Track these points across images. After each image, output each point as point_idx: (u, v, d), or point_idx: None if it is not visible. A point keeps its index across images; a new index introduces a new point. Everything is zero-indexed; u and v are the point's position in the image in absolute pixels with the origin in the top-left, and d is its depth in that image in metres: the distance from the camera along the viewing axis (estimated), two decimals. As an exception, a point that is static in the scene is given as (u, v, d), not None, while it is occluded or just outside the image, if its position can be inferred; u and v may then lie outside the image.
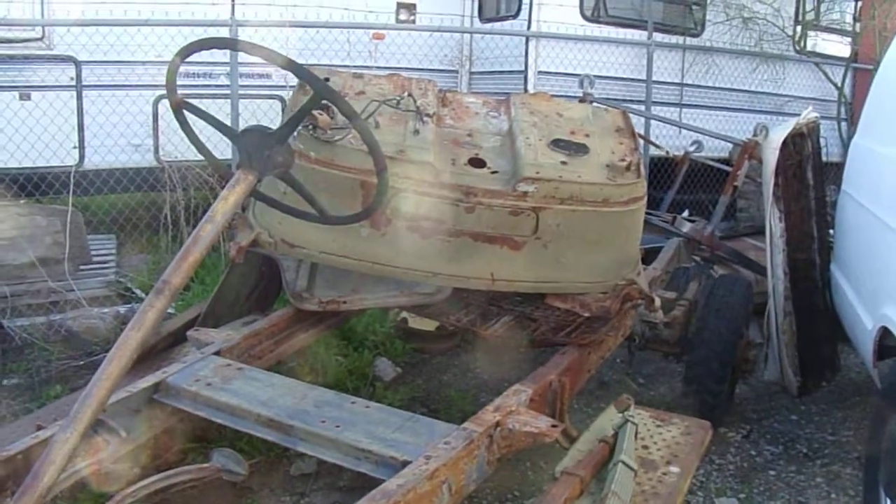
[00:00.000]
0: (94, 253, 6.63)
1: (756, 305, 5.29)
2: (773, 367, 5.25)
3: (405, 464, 2.63)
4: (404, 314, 5.29)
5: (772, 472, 4.68)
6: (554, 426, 2.90)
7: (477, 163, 3.60)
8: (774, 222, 5.12)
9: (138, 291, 6.34)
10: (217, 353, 3.46)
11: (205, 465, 2.81)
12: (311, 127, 3.30)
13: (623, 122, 4.07)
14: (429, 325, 5.31)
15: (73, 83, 7.17)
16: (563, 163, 3.61)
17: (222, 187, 6.87)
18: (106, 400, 2.20)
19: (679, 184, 6.85)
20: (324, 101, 2.95)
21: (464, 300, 3.89)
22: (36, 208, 6.18)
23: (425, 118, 3.65)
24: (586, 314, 3.75)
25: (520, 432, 2.88)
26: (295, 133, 3.13)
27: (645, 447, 3.08)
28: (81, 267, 6.25)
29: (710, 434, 3.26)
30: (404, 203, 3.39)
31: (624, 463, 2.83)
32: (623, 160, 3.69)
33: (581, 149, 3.74)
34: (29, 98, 7.09)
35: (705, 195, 8.14)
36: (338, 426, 2.86)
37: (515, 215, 3.48)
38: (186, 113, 3.07)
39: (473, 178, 3.50)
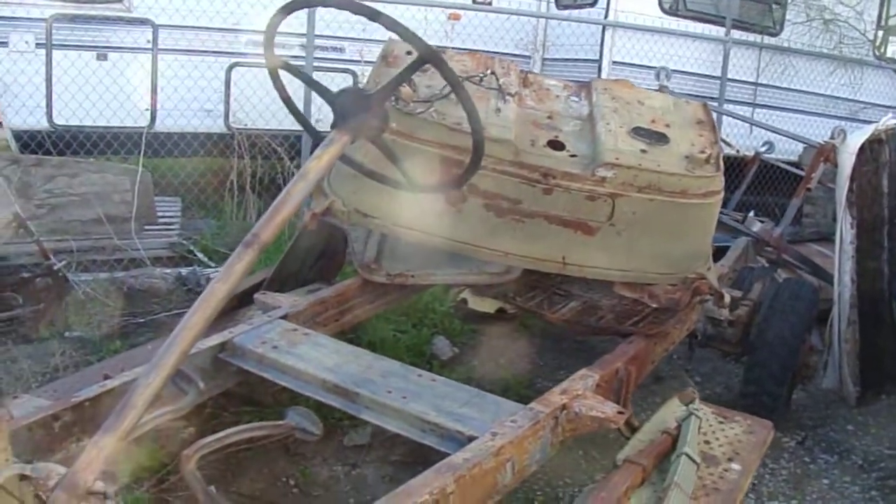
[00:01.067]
0: (159, 214, 6.74)
1: (819, 313, 5.24)
2: (833, 375, 5.19)
3: (471, 439, 2.65)
4: (465, 295, 5.32)
5: (825, 481, 4.63)
6: (620, 413, 2.90)
7: (556, 145, 3.61)
8: (845, 228, 5.06)
9: (200, 255, 6.45)
10: (283, 318, 3.50)
11: (280, 422, 2.85)
12: (393, 99, 3.32)
13: (704, 114, 4.04)
14: (488, 306, 5.33)
15: (150, 46, 7.28)
16: (643, 151, 3.61)
17: (292, 158, 6.96)
18: (189, 349, 2.25)
19: (747, 184, 6.80)
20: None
21: (532, 283, 3.89)
22: (107, 166, 6.30)
23: (507, 97, 3.67)
24: (654, 305, 3.75)
25: (586, 416, 2.89)
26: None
27: (707, 442, 3.07)
28: (146, 227, 6.36)
29: (772, 434, 3.24)
30: (482, 180, 3.41)
31: (687, 455, 2.83)
32: (703, 152, 3.67)
33: (661, 138, 3.73)
34: (106, 58, 7.23)
35: (772, 198, 8.08)
36: (404, 397, 2.89)
37: (592, 200, 3.48)
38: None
39: (552, 160, 3.50)
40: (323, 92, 2.96)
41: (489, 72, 3.75)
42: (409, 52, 3.76)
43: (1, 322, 5.28)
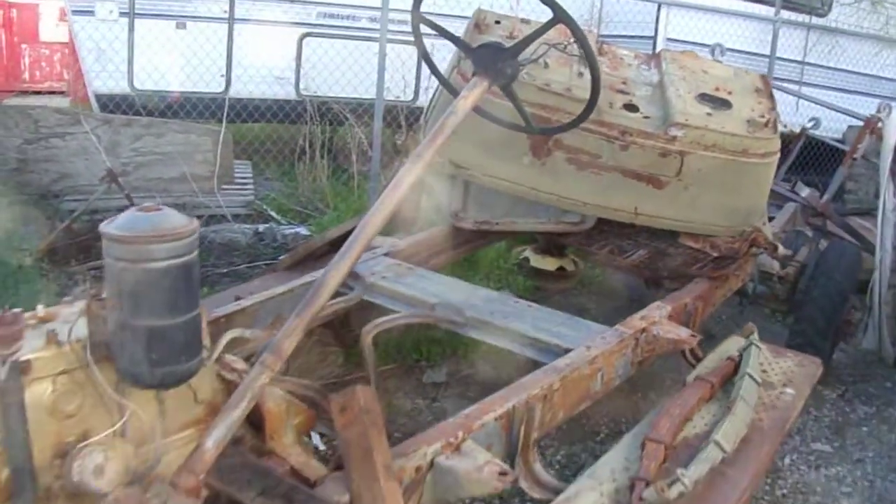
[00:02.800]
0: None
1: (859, 283, 5.70)
2: (872, 336, 5.66)
3: (567, 351, 3.19)
4: (527, 253, 5.81)
5: (864, 429, 5.14)
6: (692, 335, 3.42)
7: (631, 108, 4.11)
8: (888, 196, 5.53)
9: (274, 213, 6.99)
10: (385, 255, 4.04)
11: (430, 312, 3.40)
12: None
13: (762, 84, 4.53)
14: (549, 264, 5.81)
15: (226, 16, 7.82)
16: (709, 114, 4.10)
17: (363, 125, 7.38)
18: (368, 243, 2.69)
19: (793, 158, 7.23)
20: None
21: (604, 233, 4.40)
22: (192, 127, 6.86)
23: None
24: (715, 254, 4.25)
25: (662, 338, 3.42)
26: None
27: (764, 371, 3.54)
28: (224, 186, 6.90)
29: (821, 369, 3.71)
30: (566, 136, 3.92)
31: (750, 376, 3.33)
32: (762, 117, 4.16)
33: (724, 104, 4.22)
34: (184, 27, 7.78)
35: (816, 176, 8.50)
36: (505, 318, 3.43)
37: (663, 157, 3.99)
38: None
39: (628, 120, 4.01)
40: (464, 46, 3.44)
41: (571, 41, 4.24)
42: (497, 22, 4.28)
43: (92, 269, 5.83)
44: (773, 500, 4.29)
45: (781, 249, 4.50)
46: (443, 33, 3.48)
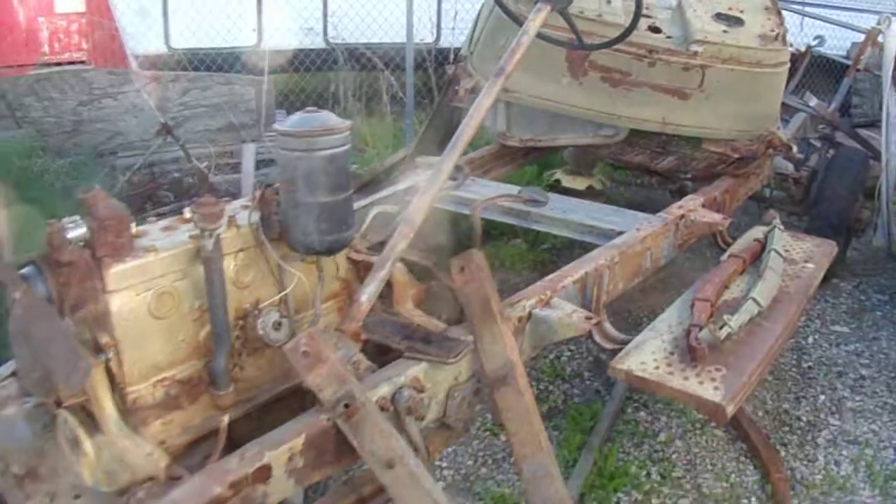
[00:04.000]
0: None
1: (867, 188, 6.27)
2: (882, 234, 6.26)
3: (620, 234, 3.79)
4: (559, 174, 6.38)
5: (878, 313, 5.78)
6: (724, 218, 4.02)
7: (655, 30, 4.66)
8: (892, 103, 6.11)
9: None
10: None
11: (516, 193, 3.99)
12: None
13: (770, 2, 5.07)
14: (580, 184, 6.38)
15: (255, -30, 8.36)
16: (725, 31, 4.66)
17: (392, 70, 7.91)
18: (469, 141, 3.12)
19: (799, 78, 7.78)
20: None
21: (636, 143, 4.97)
22: (235, 78, 7.41)
23: (613, -9, 4.72)
24: (736, 156, 4.83)
25: (699, 222, 4.03)
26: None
27: (786, 250, 4.15)
28: (265, 132, 7.46)
29: (836, 250, 4.29)
30: (599, 57, 4.49)
31: (776, 251, 3.92)
32: (772, 31, 4.73)
33: (738, 21, 4.78)
34: (215, -18, 8.32)
35: (823, 96, 9.02)
36: (564, 212, 4.04)
37: (686, 71, 4.55)
38: None
39: (654, 40, 4.57)
40: None
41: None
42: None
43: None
44: (800, 371, 4.93)
45: (795, 150, 5.07)
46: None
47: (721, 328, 3.13)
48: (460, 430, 2.82)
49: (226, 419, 2.38)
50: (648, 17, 4.76)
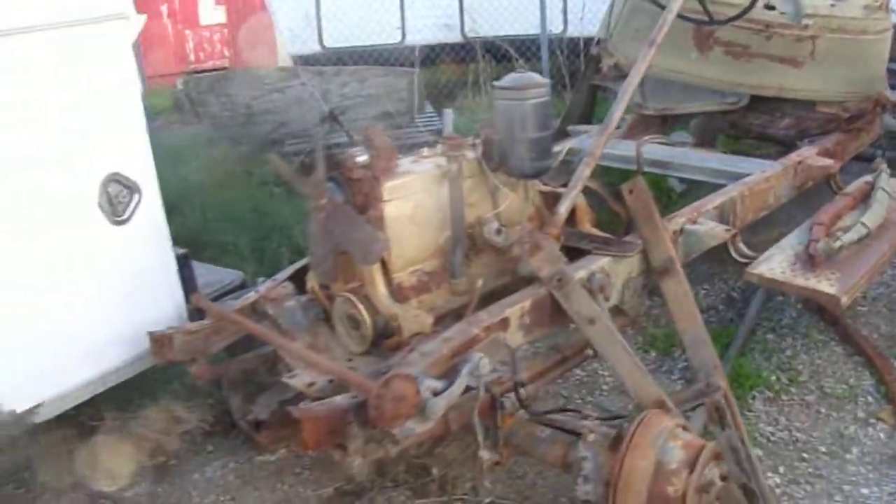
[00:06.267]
0: (411, 111, 8.80)
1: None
2: None
3: (748, 175, 4.63)
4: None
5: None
6: (836, 163, 4.82)
7: (769, 7, 5.45)
8: None
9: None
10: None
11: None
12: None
13: (873, -25, 5.83)
14: (703, 154, 7.18)
15: (397, -25, 9.42)
16: (832, 5, 5.43)
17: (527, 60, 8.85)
18: (630, 96, 4.07)
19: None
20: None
21: (756, 109, 5.76)
22: (390, 70, 8.41)
23: (732, -24, 5.53)
24: (847, 115, 5.59)
25: (815, 167, 4.84)
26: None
27: (893, 190, 4.88)
28: (415, 119, 8.44)
29: (940, 191, 5.02)
30: (723, 33, 5.31)
31: (882, 189, 4.68)
32: (875, 1, 5.48)
33: (844, -5, 5.55)
34: (363, -13, 9.40)
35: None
36: (700, 160, 4.89)
37: (799, 42, 5.33)
38: None
39: (770, 16, 5.36)
40: None
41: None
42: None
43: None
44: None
45: (902, 107, 5.81)
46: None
47: (835, 241, 3.95)
48: (632, 317, 3.72)
49: (480, 283, 3.32)
50: (760, -5, 5.56)
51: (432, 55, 9.55)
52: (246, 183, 7.69)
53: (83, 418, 4.33)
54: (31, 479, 4.07)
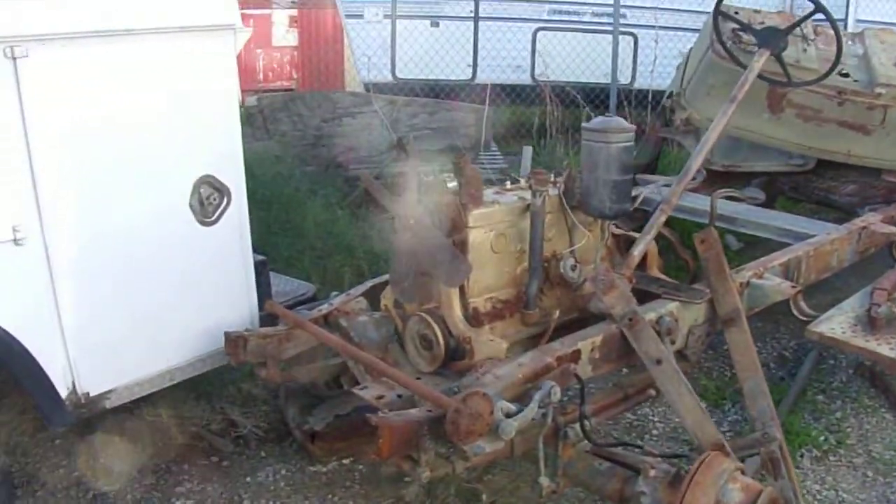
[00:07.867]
0: (474, 149, 8.94)
1: None
2: None
3: (813, 236, 4.72)
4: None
5: None
6: (901, 235, 4.91)
7: (844, 75, 5.56)
8: None
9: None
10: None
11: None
12: (737, 41, 5.35)
13: (945, 53, 5.92)
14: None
15: (472, 15, 9.63)
16: (906, 76, 5.54)
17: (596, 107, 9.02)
18: (704, 156, 4.29)
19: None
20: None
21: (822, 174, 5.87)
22: (459, 105, 8.59)
23: (809, 41, 5.64)
24: (913, 187, 5.68)
25: (878, 233, 4.93)
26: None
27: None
28: (479, 155, 8.58)
29: None
30: (796, 96, 5.42)
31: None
32: (949, 78, 5.58)
33: (918, 67, 5.65)
34: (437, 25, 9.63)
35: None
36: (767, 218, 4.99)
37: (870, 110, 5.43)
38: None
39: (843, 82, 5.47)
40: (752, 28, 4.99)
41: (792, 24, 5.71)
42: (736, 12, 5.79)
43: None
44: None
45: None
46: (735, 20, 5.04)
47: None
48: (693, 362, 3.82)
49: (556, 314, 3.44)
50: (840, 63, 5.68)
51: (502, 94, 9.73)
52: (311, 202, 7.83)
53: (139, 411, 4.46)
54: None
